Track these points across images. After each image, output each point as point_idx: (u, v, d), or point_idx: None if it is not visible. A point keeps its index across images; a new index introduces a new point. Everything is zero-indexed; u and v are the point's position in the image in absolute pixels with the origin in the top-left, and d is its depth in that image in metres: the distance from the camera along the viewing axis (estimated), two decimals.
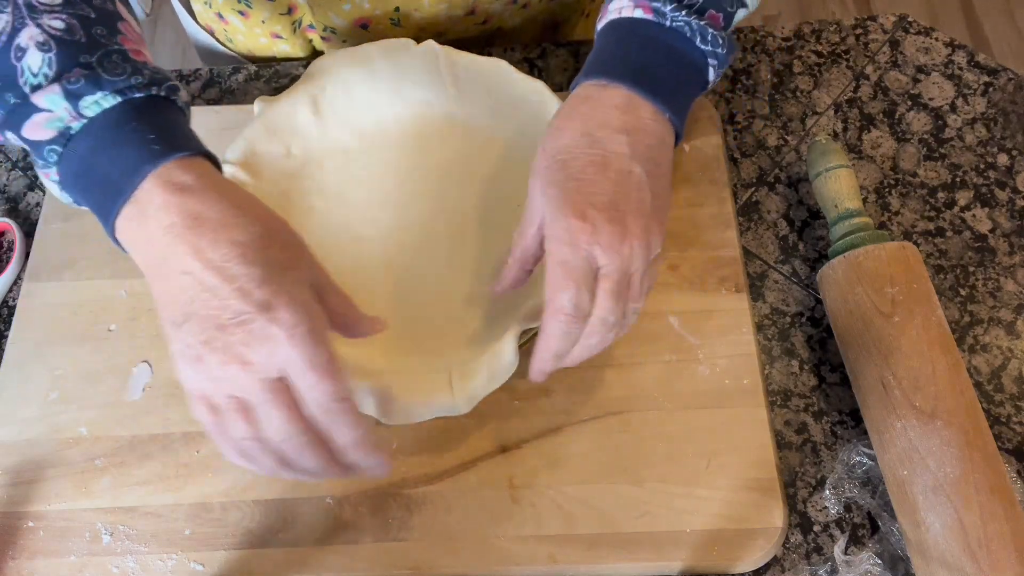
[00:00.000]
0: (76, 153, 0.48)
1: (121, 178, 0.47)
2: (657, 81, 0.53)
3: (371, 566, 0.56)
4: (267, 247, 0.46)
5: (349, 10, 0.73)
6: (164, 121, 0.49)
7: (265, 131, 0.66)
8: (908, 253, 0.59)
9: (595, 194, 0.50)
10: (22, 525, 0.58)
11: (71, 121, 0.48)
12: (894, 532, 0.55)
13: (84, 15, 0.50)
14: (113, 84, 0.48)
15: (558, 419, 0.59)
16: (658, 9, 0.54)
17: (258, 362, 0.44)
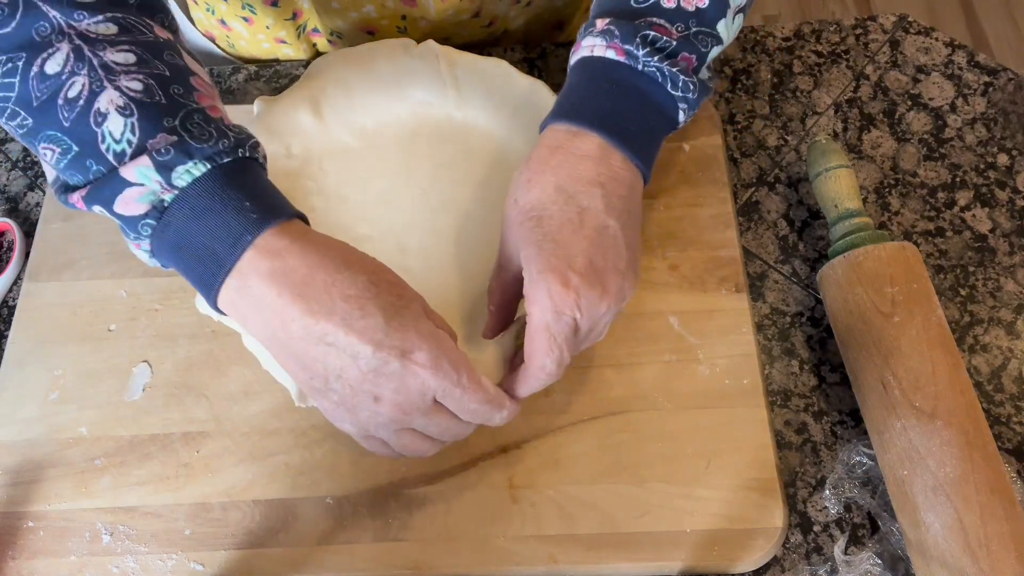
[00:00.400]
0: (171, 226, 0.47)
1: (222, 249, 0.46)
2: (627, 128, 0.53)
3: (371, 566, 0.56)
4: (378, 293, 0.47)
5: (356, 18, 0.73)
6: (255, 184, 0.49)
7: (265, 131, 0.66)
8: (908, 253, 0.59)
9: (574, 256, 0.50)
10: (22, 525, 0.58)
11: (163, 193, 0.47)
12: (894, 532, 0.55)
13: (159, 73, 0.49)
14: (202, 151, 0.47)
15: (558, 419, 0.59)
16: (630, 52, 0.53)
17: (413, 400, 0.47)
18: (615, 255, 0.51)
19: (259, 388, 0.62)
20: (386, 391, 0.46)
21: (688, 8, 0.54)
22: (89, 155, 0.47)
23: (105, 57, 0.48)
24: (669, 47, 0.53)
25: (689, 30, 0.54)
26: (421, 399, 0.47)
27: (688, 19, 0.54)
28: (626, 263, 0.52)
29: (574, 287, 0.49)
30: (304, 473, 0.59)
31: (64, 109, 0.47)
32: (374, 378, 0.46)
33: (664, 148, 0.68)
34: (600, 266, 0.50)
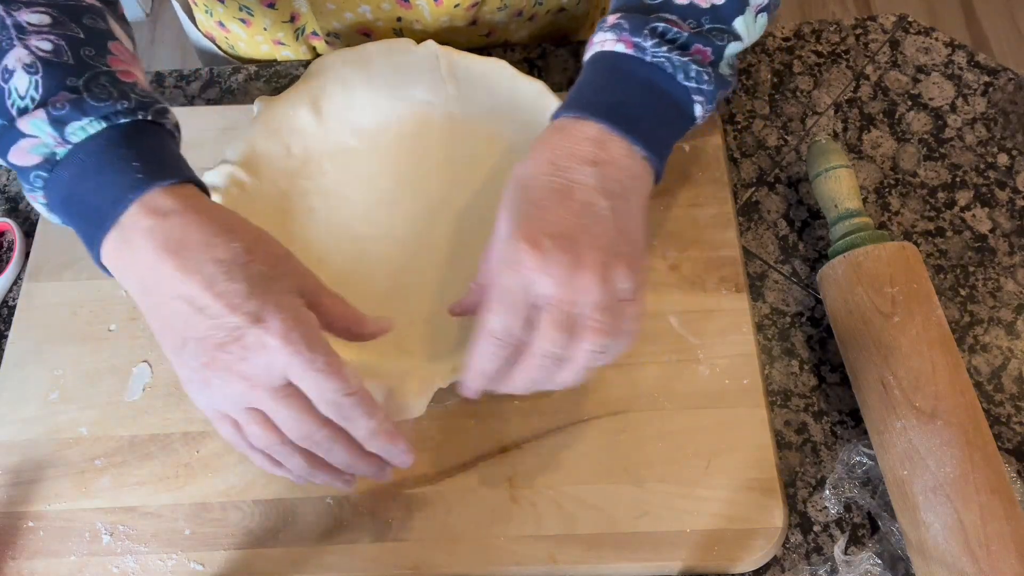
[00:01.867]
0: (62, 179, 0.48)
1: (105, 205, 0.47)
2: (632, 118, 0.52)
3: (371, 566, 0.56)
4: (250, 261, 0.46)
5: (351, 19, 0.73)
6: (150, 147, 0.49)
7: (265, 131, 0.66)
8: (908, 253, 0.59)
9: (551, 222, 0.49)
10: (22, 525, 0.58)
11: (56, 147, 0.48)
12: (894, 532, 0.55)
13: (73, 35, 0.50)
14: (98, 110, 0.48)
15: (558, 419, 0.59)
16: (639, 44, 0.53)
17: (259, 374, 0.45)
18: (599, 232, 0.49)
19: None
20: (235, 359, 0.45)
21: (702, 5, 0.54)
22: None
23: (19, 17, 0.50)
24: (680, 39, 0.53)
25: (702, 26, 0.54)
26: (267, 373, 0.45)
27: (701, 15, 0.54)
28: (614, 244, 0.49)
29: (541, 247, 0.47)
30: None
31: None
32: (226, 343, 0.45)
33: None
34: (579, 238, 0.48)
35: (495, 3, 0.73)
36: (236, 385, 0.46)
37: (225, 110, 0.73)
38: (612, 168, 0.51)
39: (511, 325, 0.48)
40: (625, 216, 0.51)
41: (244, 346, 0.45)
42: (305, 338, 0.45)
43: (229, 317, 0.45)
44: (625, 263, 0.49)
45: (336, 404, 0.46)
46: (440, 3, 0.70)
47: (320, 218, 0.66)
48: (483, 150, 0.68)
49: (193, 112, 0.73)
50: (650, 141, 0.52)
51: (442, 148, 0.68)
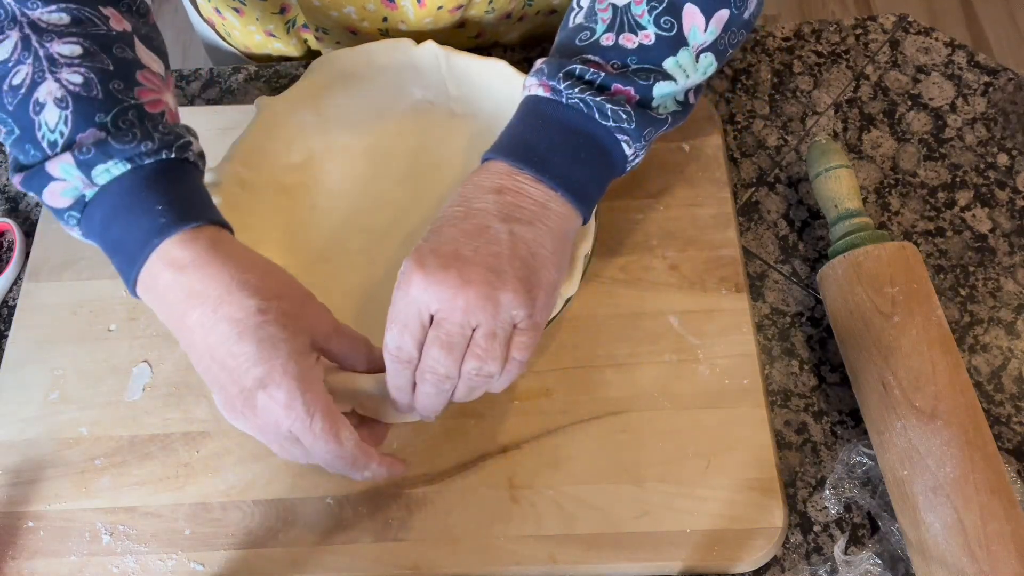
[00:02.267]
0: (93, 218, 0.50)
1: (134, 247, 0.49)
2: (543, 156, 0.52)
3: (371, 566, 0.56)
4: (263, 322, 0.48)
5: (337, 18, 0.73)
6: (173, 188, 0.51)
7: (265, 130, 0.66)
8: (908, 253, 0.59)
9: (442, 243, 0.49)
10: (22, 525, 0.58)
11: (85, 189, 0.50)
12: (894, 532, 0.55)
13: (102, 67, 0.51)
14: (123, 152, 0.49)
15: (558, 419, 0.59)
16: (555, 87, 0.53)
17: (271, 429, 0.49)
18: (490, 253, 0.49)
19: None
20: (250, 412, 0.48)
21: (628, 45, 0.53)
22: (27, 140, 0.50)
23: (51, 48, 0.51)
24: (597, 79, 0.53)
25: (628, 67, 0.53)
26: (276, 429, 0.49)
27: (626, 56, 0.53)
28: (504, 264, 0.49)
29: (426, 266, 0.48)
30: (304, 473, 0.59)
31: (8, 95, 0.50)
32: (240, 398, 0.48)
33: (664, 148, 0.68)
34: (467, 257, 0.48)
35: (483, 6, 0.73)
36: (257, 431, 0.49)
37: (225, 110, 0.73)
38: (517, 196, 0.51)
39: (403, 343, 0.50)
40: (527, 241, 0.50)
41: (253, 406, 0.48)
42: (305, 404, 0.48)
43: (241, 378, 0.48)
44: (516, 286, 0.49)
45: (332, 464, 0.50)
46: (424, 5, 0.70)
47: (320, 217, 0.66)
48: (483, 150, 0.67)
49: (193, 112, 0.73)
50: (565, 180, 0.52)
51: (442, 148, 0.68)
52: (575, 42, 0.55)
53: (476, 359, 0.49)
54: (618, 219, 0.65)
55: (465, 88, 0.68)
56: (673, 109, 0.55)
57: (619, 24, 0.54)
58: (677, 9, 0.53)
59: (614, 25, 0.54)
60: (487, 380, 0.50)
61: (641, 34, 0.53)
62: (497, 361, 0.49)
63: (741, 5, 0.54)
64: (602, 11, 0.54)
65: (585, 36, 0.54)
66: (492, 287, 0.48)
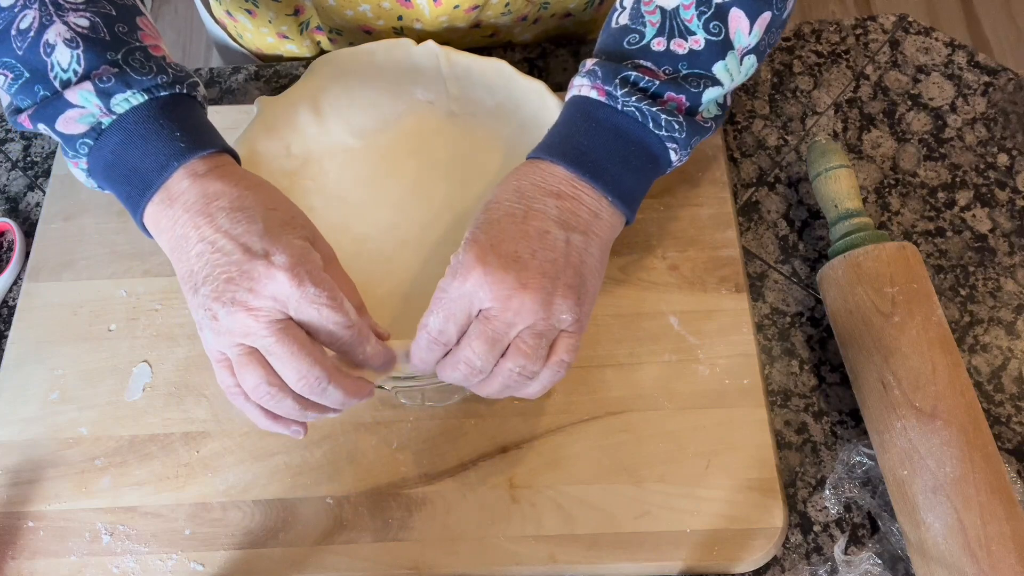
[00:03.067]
0: (107, 147, 0.52)
1: (151, 172, 0.51)
2: (600, 164, 0.53)
3: (371, 566, 0.56)
4: (272, 208, 0.50)
5: (352, 17, 0.73)
6: (188, 118, 0.53)
7: (265, 130, 0.66)
8: (908, 253, 0.59)
9: (503, 241, 0.50)
10: (22, 525, 0.58)
11: (102, 117, 0.52)
12: (894, 532, 0.55)
13: (106, 12, 0.53)
14: (141, 83, 0.52)
15: (558, 419, 0.59)
16: (611, 92, 0.53)
17: (263, 305, 0.47)
18: (548, 259, 0.50)
19: None
20: (242, 290, 0.47)
21: (679, 51, 0.54)
22: (38, 81, 0.52)
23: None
24: (652, 87, 0.53)
25: (679, 72, 0.54)
26: (273, 305, 0.47)
27: (677, 62, 0.54)
28: (562, 274, 0.50)
29: (486, 263, 0.49)
30: (304, 473, 0.59)
31: (16, 39, 0.52)
32: (236, 277, 0.47)
33: None
34: (526, 261, 0.49)
35: (499, 8, 0.73)
36: (238, 316, 0.47)
37: (225, 110, 0.73)
38: (574, 203, 0.52)
39: (445, 329, 0.50)
40: (580, 251, 0.51)
41: (252, 278, 0.47)
42: (310, 273, 0.48)
43: (242, 254, 0.48)
44: (567, 293, 0.50)
45: (335, 335, 0.49)
46: (439, 3, 0.70)
47: (320, 217, 0.66)
48: (483, 150, 0.67)
49: None
50: (617, 187, 0.53)
51: (442, 148, 0.68)
52: (623, 45, 0.55)
53: (522, 356, 0.49)
54: None
55: (465, 88, 0.68)
56: (715, 113, 0.57)
57: (669, 29, 0.54)
58: (724, 13, 0.53)
59: (664, 29, 0.54)
60: (525, 380, 0.51)
61: (691, 39, 0.54)
62: (541, 361, 0.50)
63: (782, 6, 0.55)
64: (649, 14, 0.54)
65: (634, 39, 0.55)
66: (547, 293, 0.49)
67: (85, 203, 0.69)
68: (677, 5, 0.54)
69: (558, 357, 0.51)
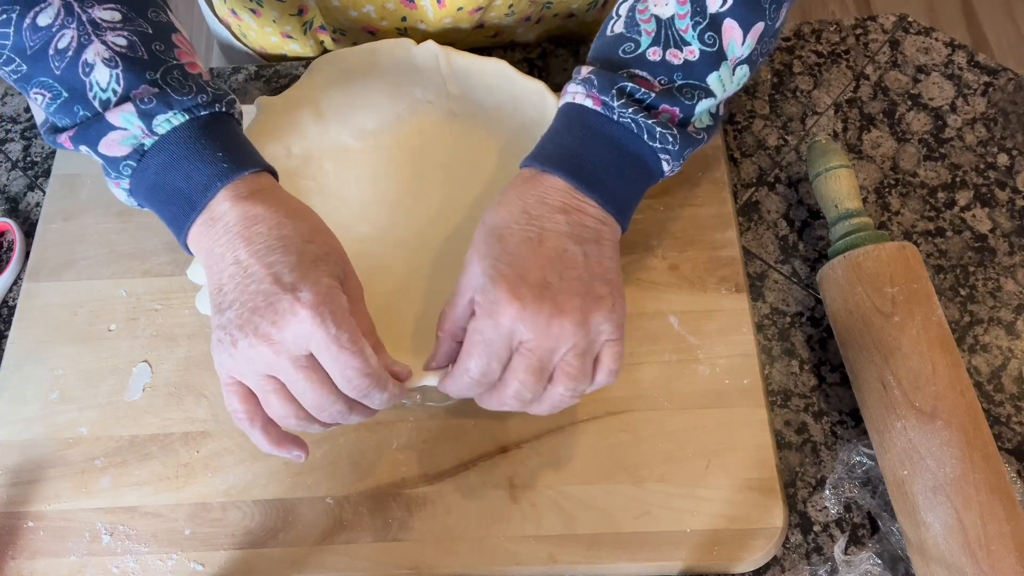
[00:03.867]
0: (150, 168, 0.52)
1: (195, 192, 0.51)
2: (595, 174, 0.53)
3: (371, 566, 0.56)
4: (309, 240, 0.50)
5: (356, 17, 0.73)
6: (229, 137, 0.53)
7: (265, 130, 0.66)
8: (908, 253, 0.59)
9: (528, 270, 0.50)
10: (22, 525, 0.58)
11: (144, 138, 0.52)
12: (894, 532, 0.55)
13: (143, 31, 0.53)
14: (182, 103, 0.52)
15: (558, 419, 0.59)
16: (607, 103, 0.53)
17: (285, 340, 0.47)
18: (574, 277, 0.50)
19: None
20: (266, 323, 0.47)
21: (674, 61, 0.53)
22: (77, 101, 0.52)
23: (92, 13, 0.52)
24: (647, 99, 0.53)
25: (673, 83, 0.54)
26: (295, 342, 0.47)
27: (673, 72, 0.53)
28: (590, 288, 0.50)
29: (520, 297, 0.49)
30: (304, 473, 0.59)
31: (55, 59, 0.52)
32: (261, 308, 0.47)
33: None
34: (556, 286, 0.49)
35: (502, 9, 0.73)
36: (262, 349, 0.47)
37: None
38: (581, 215, 0.52)
39: (489, 370, 0.50)
40: (598, 259, 0.51)
41: (276, 312, 0.47)
42: (333, 315, 0.47)
43: (271, 285, 0.48)
44: (604, 306, 0.50)
45: (353, 382, 0.48)
46: (444, 5, 0.70)
47: None
48: (483, 150, 0.67)
49: None
50: (613, 197, 0.53)
51: (442, 148, 0.68)
52: (618, 53, 0.54)
53: (570, 379, 0.50)
54: None
55: (465, 88, 0.68)
56: (707, 124, 0.56)
57: (665, 38, 0.53)
58: (718, 24, 0.53)
59: (660, 39, 0.53)
60: (575, 400, 0.51)
61: (686, 50, 0.53)
62: (588, 378, 0.51)
63: (775, 15, 0.54)
64: (645, 22, 0.54)
65: (629, 48, 0.54)
66: (583, 312, 0.49)
67: (85, 203, 0.69)
68: (672, 15, 0.53)
69: (606, 368, 0.51)
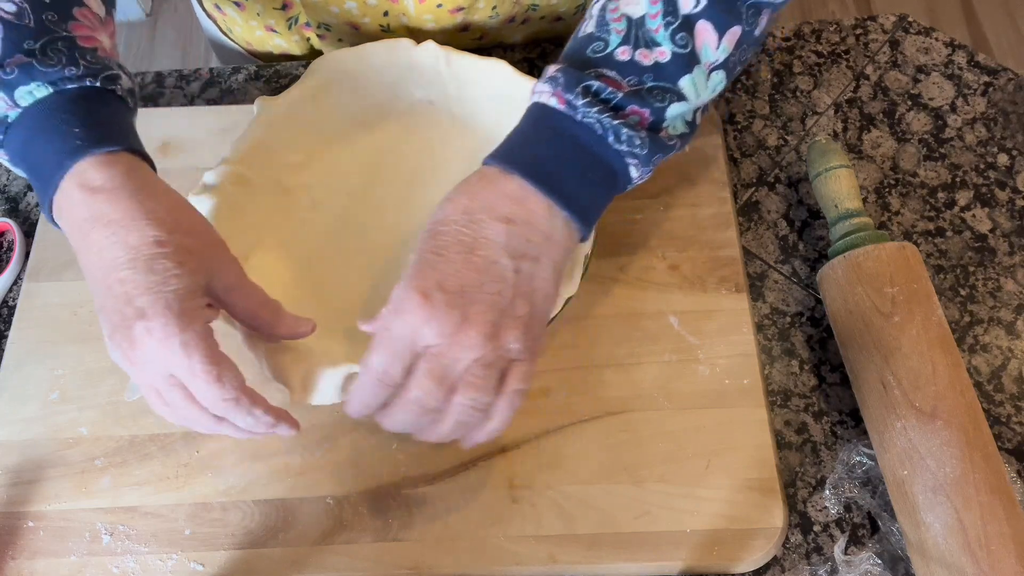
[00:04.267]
0: (15, 140, 0.51)
1: (49, 168, 0.49)
2: (556, 176, 0.51)
3: (371, 566, 0.56)
4: (157, 254, 0.47)
5: (338, 13, 0.73)
6: (94, 113, 0.51)
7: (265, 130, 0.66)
8: (908, 253, 0.59)
9: (448, 275, 0.48)
10: (22, 525, 0.58)
11: (8, 110, 0.51)
12: (894, 532, 0.55)
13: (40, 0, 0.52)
14: (46, 75, 0.50)
15: (558, 419, 0.59)
16: (571, 102, 0.51)
17: (144, 362, 0.47)
18: (495, 292, 0.48)
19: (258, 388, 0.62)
20: (127, 345, 0.47)
21: (644, 62, 0.52)
22: None
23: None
24: (614, 99, 0.51)
25: (643, 84, 0.52)
26: (152, 366, 0.47)
27: (642, 73, 0.52)
28: (509, 305, 0.49)
29: (432, 300, 0.47)
30: (304, 473, 0.59)
31: None
32: (120, 327, 0.47)
33: None
34: (472, 296, 0.48)
35: (486, 11, 0.73)
36: (135, 366, 0.48)
37: (225, 110, 0.73)
38: (526, 228, 0.50)
39: (390, 368, 0.49)
40: (530, 278, 0.50)
41: (131, 338, 0.47)
42: (184, 345, 0.46)
43: (124, 306, 0.47)
44: (518, 325, 0.49)
45: (216, 408, 0.48)
46: (423, 1, 0.70)
47: (320, 217, 0.66)
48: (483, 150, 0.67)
49: (193, 112, 0.73)
50: (573, 201, 0.51)
51: (442, 148, 0.68)
52: (587, 53, 0.53)
53: (472, 388, 0.48)
54: (618, 219, 0.65)
55: (466, 88, 0.68)
56: (682, 131, 0.54)
57: (635, 38, 0.52)
58: (691, 25, 0.51)
59: (629, 38, 0.52)
60: (479, 415, 0.49)
61: (656, 51, 0.52)
62: (492, 392, 0.49)
63: (753, 22, 0.53)
64: (615, 21, 0.53)
65: (598, 47, 0.53)
66: (494, 327, 0.48)
67: None
68: (643, 14, 0.52)
69: (511, 387, 0.50)
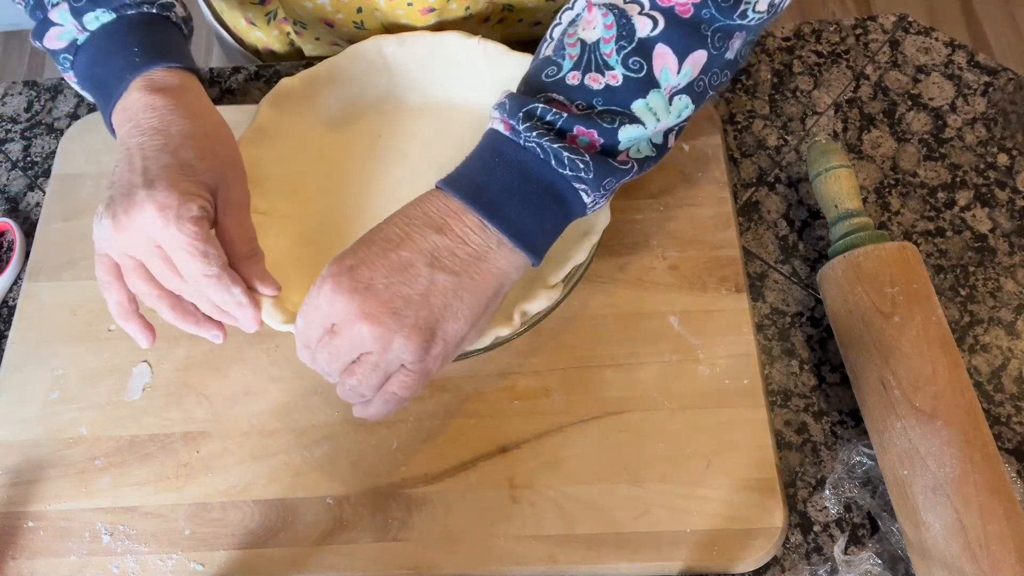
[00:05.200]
0: (83, 61, 0.58)
1: (112, 83, 0.56)
2: (496, 203, 0.50)
3: (371, 566, 0.56)
4: (186, 145, 0.53)
5: (312, 9, 0.73)
6: (152, 35, 0.58)
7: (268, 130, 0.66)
8: (908, 253, 0.59)
9: (363, 266, 0.50)
10: (22, 525, 0.58)
11: (77, 34, 0.57)
12: (894, 532, 0.55)
13: None
14: (109, 3, 0.57)
15: (558, 419, 0.59)
16: (514, 127, 0.51)
17: (133, 228, 0.51)
18: (402, 295, 0.49)
19: (259, 388, 0.62)
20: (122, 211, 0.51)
21: (593, 86, 0.51)
22: (37, 7, 0.58)
23: None
24: (559, 121, 0.50)
25: (593, 108, 0.51)
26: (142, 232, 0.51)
27: (592, 97, 0.51)
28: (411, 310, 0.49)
29: (339, 285, 0.49)
30: (304, 473, 0.59)
31: None
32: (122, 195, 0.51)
33: None
34: (377, 292, 0.49)
35: (459, 11, 0.72)
36: (119, 232, 0.51)
37: (225, 110, 0.72)
38: (456, 242, 0.50)
39: (307, 331, 0.52)
40: (444, 291, 0.50)
41: (131, 202, 0.51)
42: (179, 218, 0.50)
43: (138, 176, 0.51)
44: (411, 333, 0.49)
45: (194, 280, 0.52)
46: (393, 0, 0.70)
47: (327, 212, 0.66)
48: None
49: None
50: (515, 227, 0.51)
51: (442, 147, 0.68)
52: (541, 76, 0.53)
53: (353, 377, 0.51)
54: (618, 219, 0.65)
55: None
56: (646, 154, 0.54)
57: (587, 62, 0.51)
58: (647, 50, 0.50)
59: (581, 63, 0.52)
60: (359, 398, 0.52)
61: (608, 74, 0.51)
62: (371, 388, 0.51)
63: (721, 46, 0.52)
64: (571, 46, 0.52)
65: (552, 72, 0.52)
66: (387, 328, 0.49)
67: (85, 203, 0.69)
68: (598, 38, 0.51)
69: (390, 390, 0.51)
